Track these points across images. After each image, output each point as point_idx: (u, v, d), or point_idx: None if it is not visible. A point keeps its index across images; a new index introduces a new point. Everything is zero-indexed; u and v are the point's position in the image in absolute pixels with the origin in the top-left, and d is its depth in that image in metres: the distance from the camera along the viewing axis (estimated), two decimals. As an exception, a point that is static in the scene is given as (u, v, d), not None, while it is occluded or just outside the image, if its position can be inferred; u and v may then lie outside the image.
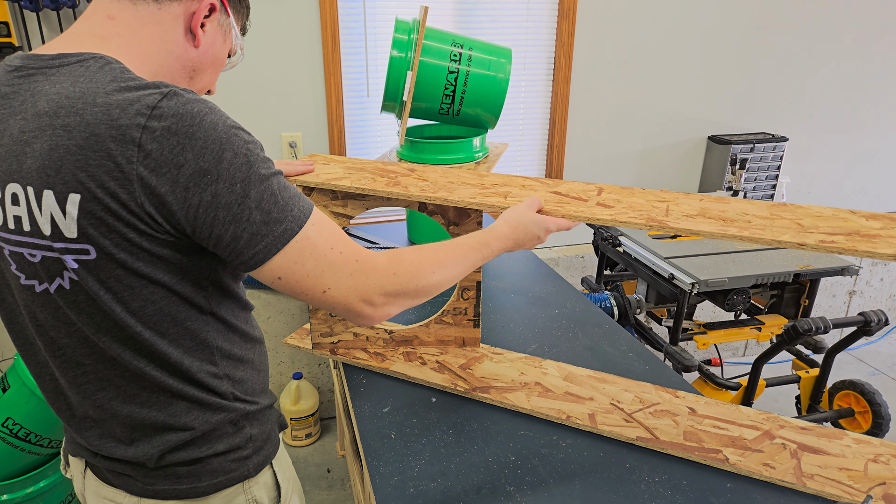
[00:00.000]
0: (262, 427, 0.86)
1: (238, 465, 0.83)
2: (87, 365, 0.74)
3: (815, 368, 2.08)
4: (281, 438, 0.93)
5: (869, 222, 0.93)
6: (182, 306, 0.73)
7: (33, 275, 0.69)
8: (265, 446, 0.87)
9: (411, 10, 2.25)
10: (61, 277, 0.68)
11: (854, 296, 3.34)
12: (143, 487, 0.80)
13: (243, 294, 0.85)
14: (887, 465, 0.95)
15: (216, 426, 0.80)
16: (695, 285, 1.74)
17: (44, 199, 0.64)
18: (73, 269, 0.67)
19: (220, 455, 0.82)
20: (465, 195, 1.07)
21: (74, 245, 0.65)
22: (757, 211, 0.99)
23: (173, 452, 0.78)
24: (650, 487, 0.92)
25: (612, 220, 0.96)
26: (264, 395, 0.89)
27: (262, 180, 0.67)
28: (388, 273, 0.77)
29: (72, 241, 0.65)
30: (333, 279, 0.72)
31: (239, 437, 0.83)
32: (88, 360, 0.74)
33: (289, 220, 0.69)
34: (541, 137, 2.65)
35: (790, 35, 2.74)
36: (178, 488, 0.80)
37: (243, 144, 0.67)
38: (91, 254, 0.66)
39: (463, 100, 1.71)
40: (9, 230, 0.67)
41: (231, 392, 0.81)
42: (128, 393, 0.76)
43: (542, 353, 1.29)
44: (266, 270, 0.69)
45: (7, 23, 1.81)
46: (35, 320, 0.73)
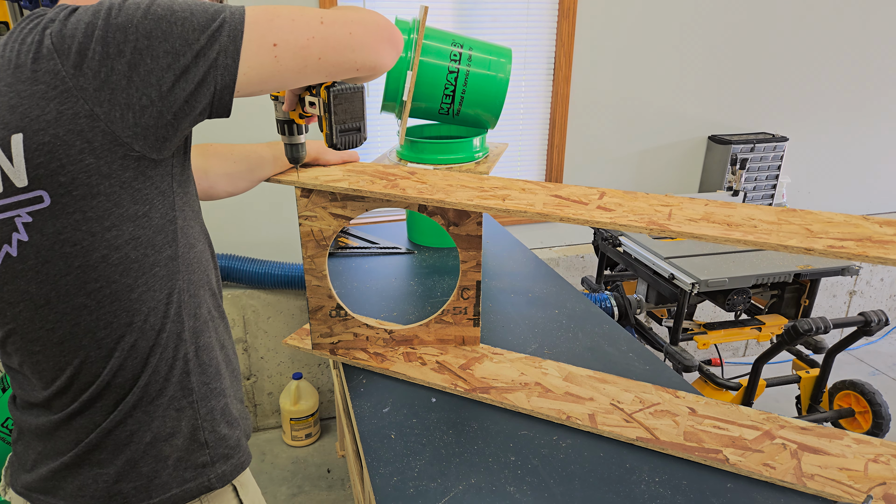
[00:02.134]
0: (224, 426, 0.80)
1: (196, 474, 0.77)
2: (38, 352, 0.70)
3: (815, 368, 2.08)
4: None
5: (882, 228, 0.91)
6: (148, 250, 0.68)
7: None
8: (235, 453, 0.81)
9: (411, 10, 2.25)
10: (9, 243, 0.63)
11: (854, 296, 3.34)
12: None
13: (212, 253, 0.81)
14: (887, 465, 0.95)
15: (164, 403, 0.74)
16: (695, 285, 1.74)
17: None
18: (25, 224, 0.62)
19: (173, 461, 0.75)
20: (463, 198, 1.07)
21: (26, 195, 0.60)
22: (764, 216, 0.97)
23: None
24: (650, 487, 0.92)
25: (611, 224, 0.95)
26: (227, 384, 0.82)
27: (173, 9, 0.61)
28: None
29: (23, 191, 0.60)
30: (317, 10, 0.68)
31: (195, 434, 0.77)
32: (37, 346, 0.69)
33: (222, 6, 0.63)
34: (541, 137, 2.65)
35: (790, 35, 2.74)
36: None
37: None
38: (45, 200, 0.61)
39: (463, 100, 1.71)
40: None
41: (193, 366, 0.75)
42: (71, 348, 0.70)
43: (542, 353, 1.29)
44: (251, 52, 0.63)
45: (7, 23, 1.81)
46: None
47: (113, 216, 0.64)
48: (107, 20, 0.59)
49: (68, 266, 0.64)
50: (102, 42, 0.58)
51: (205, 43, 0.61)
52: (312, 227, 1.17)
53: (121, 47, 0.59)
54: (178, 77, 0.61)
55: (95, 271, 0.65)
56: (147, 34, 0.59)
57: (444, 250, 1.89)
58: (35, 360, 0.70)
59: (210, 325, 0.79)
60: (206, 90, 0.63)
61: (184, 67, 0.61)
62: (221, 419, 0.80)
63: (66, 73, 0.58)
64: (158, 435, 0.74)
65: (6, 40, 0.61)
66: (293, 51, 0.66)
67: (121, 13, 0.59)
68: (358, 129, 0.98)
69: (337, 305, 1.23)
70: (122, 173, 0.63)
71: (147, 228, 0.67)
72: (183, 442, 0.76)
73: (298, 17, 0.66)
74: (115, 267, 0.66)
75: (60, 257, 0.64)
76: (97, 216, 0.63)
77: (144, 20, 0.59)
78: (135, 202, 0.65)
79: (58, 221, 0.62)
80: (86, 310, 0.67)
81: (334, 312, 1.24)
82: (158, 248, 0.69)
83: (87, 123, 0.59)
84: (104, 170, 0.61)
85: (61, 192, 0.61)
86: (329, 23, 0.68)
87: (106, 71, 0.59)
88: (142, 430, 0.73)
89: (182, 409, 0.76)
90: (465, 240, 1.17)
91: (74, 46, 0.58)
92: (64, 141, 0.59)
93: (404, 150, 1.76)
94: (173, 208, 0.70)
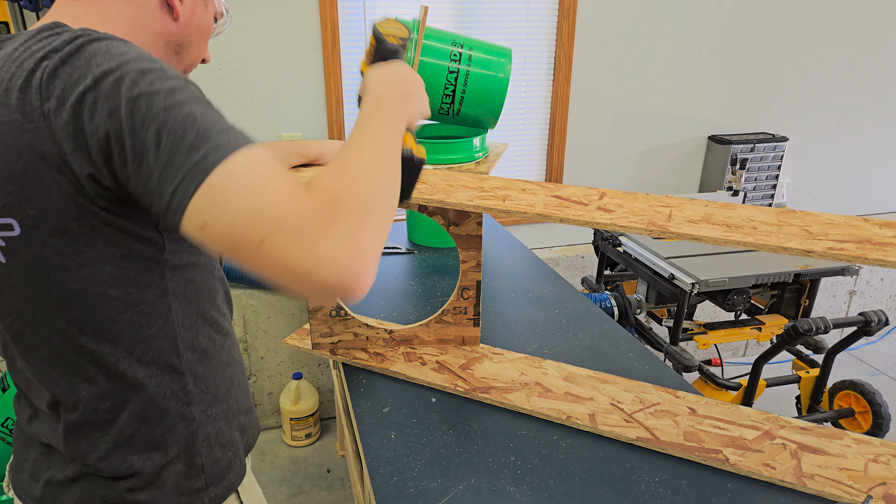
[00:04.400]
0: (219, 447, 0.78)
1: (191, 499, 0.75)
2: (34, 364, 0.68)
3: (815, 368, 2.08)
4: (248, 464, 0.85)
5: (882, 230, 0.91)
6: (130, 288, 0.64)
7: None
8: (227, 474, 0.79)
9: (411, 10, 2.25)
10: None
11: (854, 296, 3.34)
12: None
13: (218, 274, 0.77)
14: (887, 465, 0.95)
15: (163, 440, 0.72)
16: (695, 285, 1.74)
17: None
18: (0, 247, 0.60)
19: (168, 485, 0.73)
20: (464, 198, 1.07)
21: None
22: (764, 217, 0.97)
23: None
24: (650, 487, 0.92)
25: (611, 225, 0.95)
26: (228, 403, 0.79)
27: (179, 103, 0.54)
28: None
29: None
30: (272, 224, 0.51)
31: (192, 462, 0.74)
32: (28, 355, 0.67)
33: (210, 147, 0.52)
34: (541, 137, 2.65)
35: (790, 35, 2.74)
36: None
37: (149, 66, 0.56)
38: (15, 229, 0.58)
39: (463, 100, 1.71)
40: None
41: (191, 392, 0.73)
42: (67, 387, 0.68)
43: (542, 353, 1.29)
44: (188, 218, 0.51)
45: (7, 23, 1.82)
46: None
47: (85, 255, 0.60)
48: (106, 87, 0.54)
49: (47, 292, 0.62)
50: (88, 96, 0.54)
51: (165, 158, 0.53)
52: (312, 227, 1.17)
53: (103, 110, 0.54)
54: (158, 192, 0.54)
55: (72, 302, 0.62)
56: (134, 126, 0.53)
57: (444, 250, 1.89)
58: (35, 370, 0.69)
59: (211, 351, 0.76)
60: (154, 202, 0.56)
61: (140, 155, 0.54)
62: (216, 443, 0.78)
63: (45, 111, 0.55)
64: (156, 463, 0.72)
65: (10, 53, 0.59)
66: (218, 242, 0.53)
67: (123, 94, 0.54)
68: None
69: (337, 305, 1.24)
70: (91, 218, 0.58)
71: (128, 269, 0.63)
72: (181, 468, 0.74)
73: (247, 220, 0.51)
74: (93, 300, 0.63)
75: (38, 283, 0.61)
76: (69, 252, 0.60)
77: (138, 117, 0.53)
78: (109, 244, 0.61)
79: (29, 250, 0.59)
80: (67, 335, 0.64)
81: (334, 312, 1.24)
82: (143, 287, 0.65)
83: (56, 161, 0.56)
84: (72, 212, 0.57)
85: (30, 223, 0.58)
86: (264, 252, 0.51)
87: (78, 123, 0.55)
88: (139, 458, 0.72)
89: (181, 438, 0.73)
90: (466, 240, 1.17)
91: (59, 88, 0.55)
92: (34, 175, 0.56)
93: (404, 150, 1.76)
94: (162, 250, 0.66)
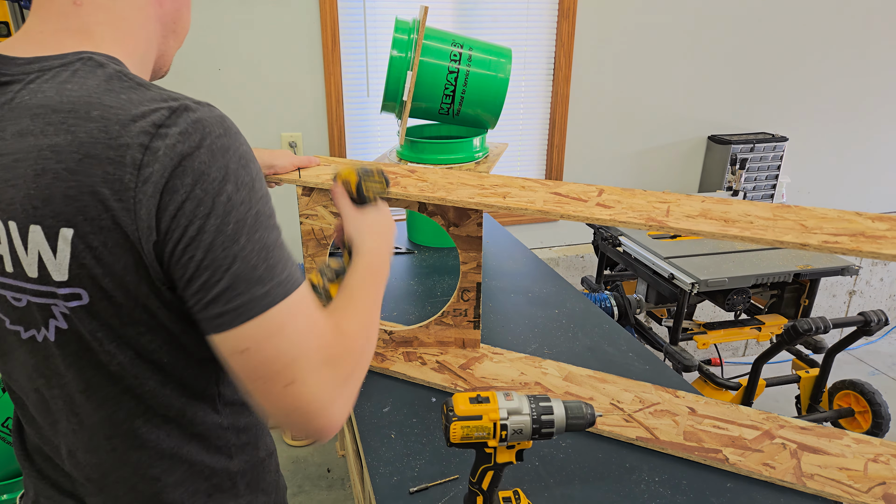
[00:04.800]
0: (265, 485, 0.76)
1: None
2: (74, 425, 0.65)
3: (815, 368, 2.08)
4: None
5: (875, 224, 0.92)
6: (181, 354, 0.64)
7: (17, 320, 0.60)
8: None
9: (411, 10, 2.25)
10: (46, 327, 0.59)
11: (854, 296, 3.34)
12: None
13: None
14: (887, 464, 0.95)
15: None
16: (695, 285, 1.74)
17: (30, 236, 0.54)
18: (63, 315, 0.58)
19: None
20: (464, 195, 1.07)
21: (63, 290, 0.56)
22: (760, 212, 0.98)
23: None
24: (650, 487, 0.92)
25: (611, 220, 0.96)
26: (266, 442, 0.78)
27: (259, 228, 0.56)
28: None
29: (61, 285, 0.56)
30: (304, 369, 0.56)
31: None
32: (74, 419, 0.65)
33: (274, 284, 0.55)
34: (541, 137, 2.65)
35: (790, 35, 2.75)
36: None
37: (250, 180, 0.56)
38: (83, 299, 0.57)
39: (463, 100, 1.71)
40: None
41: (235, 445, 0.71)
42: (120, 458, 0.66)
43: (542, 352, 1.29)
44: (230, 338, 0.55)
45: (7, 23, 1.82)
46: (24, 369, 0.64)
47: (148, 324, 0.60)
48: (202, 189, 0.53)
49: (109, 360, 0.61)
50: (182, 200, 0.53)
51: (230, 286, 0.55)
52: (313, 226, 1.17)
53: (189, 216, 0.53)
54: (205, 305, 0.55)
55: (130, 370, 0.62)
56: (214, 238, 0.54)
57: (444, 250, 1.89)
58: (74, 430, 0.66)
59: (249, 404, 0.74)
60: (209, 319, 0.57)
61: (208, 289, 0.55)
62: (258, 489, 0.76)
63: (136, 197, 0.53)
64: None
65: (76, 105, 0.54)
66: (245, 372, 0.57)
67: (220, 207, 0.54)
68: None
69: (337, 305, 1.23)
70: (160, 295, 0.58)
71: (183, 335, 0.63)
72: None
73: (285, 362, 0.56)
74: (147, 366, 0.62)
75: (99, 352, 0.60)
76: (132, 322, 0.59)
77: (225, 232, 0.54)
78: (172, 321, 0.61)
79: (95, 321, 0.58)
80: (122, 403, 0.63)
81: (334, 312, 1.24)
82: (190, 351, 0.64)
83: (136, 244, 0.55)
84: (144, 290, 0.57)
85: (101, 295, 0.57)
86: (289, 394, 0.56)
87: (167, 223, 0.54)
88: None
89: (228, 490, 0.72)
90: (466, 241, 1.17)
91: (158, 178, 0.52)
92: (112, 252, 0.54)
93: (404, 150, 1.76)
94: None
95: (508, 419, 0.75)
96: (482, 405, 0.75)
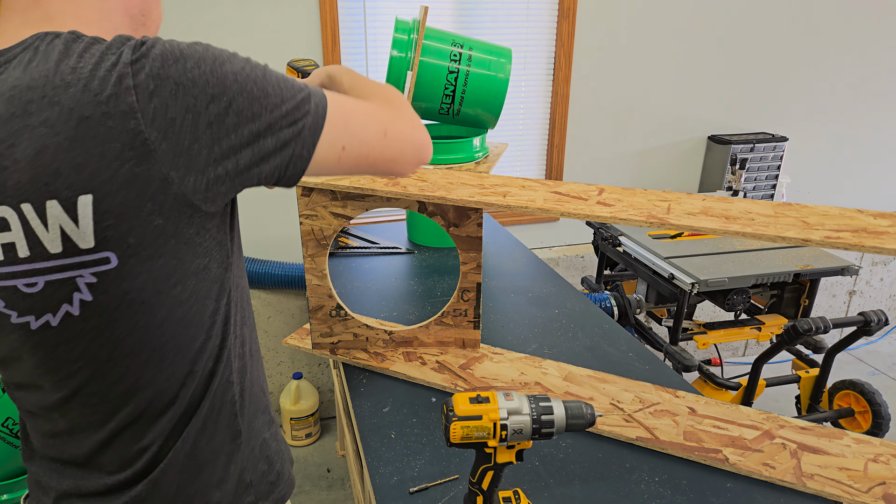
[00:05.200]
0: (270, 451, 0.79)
1: None
2: (95, 405, 0.66)
3: (815, 368, 2.08)
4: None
5: (877, 220, 0.92)
6: (207, 301, 0.66)
7: (27, 310, 0.60)
8: (275, 488, 0.79)
9: (411, 10, 2.25)
10: (69, 303, 0.60)
11: (854, 296, 3.34)
12: None
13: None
14: (887, 464, 0.95)
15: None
16: (695, 285, 1.74)
17: (48, 212, 0.55)
18: (89, 285, 0.59)
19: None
20: (464, 194, 1.08)
21: (91, 256, 0.57)
22: (761, 210, 0.99)
23: None
24: (650, 487, 0.92)
25: (611, 218, 0.96)
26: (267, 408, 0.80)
27: (262, 70, 0.62)
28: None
29: (88, 252, 0.57)
30: (383, 118, 0.70)
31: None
32: (94, 398, 0.66)
33: (308, 90, 0.64)
34: (541, 137, 2.65)
35: (790, 35, 2.75)
36: None
37: (231, 53, 0.60)
38: (112, 262, 0.58)
39: (463, 100, 1.71)
40: None
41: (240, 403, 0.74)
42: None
43: (542, 352, 1.29)
44: (324, 150, 0.64)
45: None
46: (32, 362, 0.64)
47: (178, 273, 0.62)
48: (200, 88, 0.57)
49: (135, 324, 0.62)
50: (193, 111, 0.56)
51: (289, 135, 0.62)
52: (313, 226, 1.17)
53: (209, 119, 0.57)
54: (258, 159, 0.61)
55: (160, 328, 0.64)
56: (238, 111, 0.58)
57: (444, 250, 1.89)
58: (88, 412, 0.67)
59: (250, 363, 0.77)
60: (278, 173, 0.64)
61: (266, 153, 0.61)
62: (261, 455, 0.79)
63: (150, 137, 0.55)
64: (210, 481, 0.72)
65: (48, 76, 0.55)
66: (355, 157, 0.68)
67: (217, 84, 0.57)
68: None
69: (337, 305, 1.23)
70: (186, 230, 0.61)
71: (206, 280, 0.66)
72: (231, 486, 0.74)
73: (369, 125, 0.69)
74: (178, 321, 0.65)
75: (127, 316, 0.62)
76: (163, 275, 0.61)
77: (239, 97, 0.58)
78: (196, 256, 0.64)
79: (124, 282, 0.59)
80: (150, 364, 0.65)
81: (334, 312, 1.24)
82: (216, 297, 0.68)
83: (159, 186, 0.57)
84: (171, 229, 0.59)
85: (129, 252, 0.58)
86: (390, 137, 0.71)
87: (190, 140, 0.57)
88: (192, 477, 0.71)
89: (231, 454, 0.74)
90: (466, 241, 1.17)
91: (162, 110, 0.55)
92: (135, 203, 0.56)
93: (404, 149, 1.76)
94: (229, 256, 0.69)
95: (508, 419, 0.75)
96: (482, 405, 0.75)
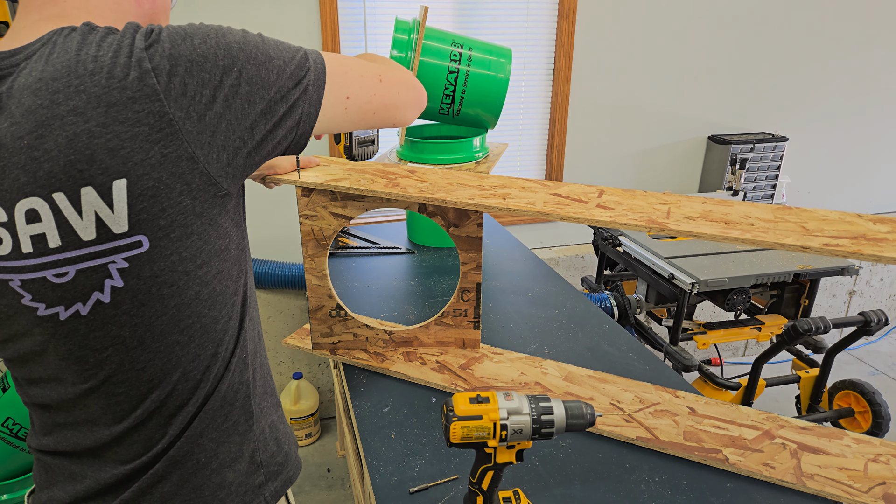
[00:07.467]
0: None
1: (255, 495, 0.76)
2: (121, 394, 0.67)
3: (815, 368, 2.08)
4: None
5: (876, 226, 0.92)
6: (228, 281, 0.69)
7: (57, 300, 0.61)
8: (283, 469, 0.81)
9: (411, 10, 2.25)
10: (101, 290, 0.61)
11: (854, 296, 3.34)
12: None
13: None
14: (887, 464, 0.95)
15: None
16: (695, 285, 1.74)
17: (83, 199, 0.56)
18: (120, 270, 0.60)
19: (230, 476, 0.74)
20: (464, 196, 1.07)
21: (124, 240, 0.59)
22: (761, 214, 0.98)
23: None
24: (650, 487, 0.92)
25: (611, 223, 0.95)
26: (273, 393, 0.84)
27: (259, 36, 0.66)
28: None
29: (122, 237, 0.58)
30: (373, 65, 0.75)
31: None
32: (122, 386, 0.67)
33: (303, 49, 0.68)
34: (541, 137, 2.65)
35: (790, 35, 2.75)
36: None
37: (226, 26, 0.64)
38: (144, 245, 0.60)
39: (463, 100, 1.71)
40: (23, 255, 0.59)
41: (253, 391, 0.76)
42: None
43: (542, 352, 1.29)
44: (331, 100, 0.68)
45: (7, 23, 1.82)
46: (58, 354, 0.65)
47: (203, 253, 0.65)
48: (212, 61, 0.60)
49: (164, 307, 0.64)
50: (210, 86, 0.59)
51: (297, 95, 0.65)
52: (313, 227, 1.17)
53: (225, 92, 0.60)
54: (272, 125, 0.64)
55: (189, 308, 0.66)
56: (249, 79, 0.62)
57: (444, 250, 1.89)
58: (113, 401, 0.67)
59: (259, 345, 0.80)
60: (290, 135, 0.67)
61: (279, 117, 0.64)
62: (271, 437, 0.80)
63: (174, 117, 0.58)
64: (224, 461, 0.73)
65: (71, 66, 0.56)
66: (359, 105, 0.72)
67: (226, 55, 0.61)
68: (372, 142, 1.14)
69: (337, 305, 1.24)
70: (210, 210, 0.63)
71: (227, 261, 0.69)
72: (244, 465, 0.76)
73: (365, 74, 0.73)
74: (204, 302, 0.67)
75: (157, 299, 0.63)
76: (191, 255, 0.63)
77: (248, 65, 0.62)
78: (219, 237, 0.66)
79: (155, 265, 0.61)
80: (178, 345, 0.67)
81: (334, 312, 1.24)
82: (235, 277, 0.71)
83: (187, 166, 0.59)
84: (198, 209, 0.62)
85: (160, 235, 0.60)
86: (385, 82, 0.76)
87: (210, 115, 0.59)
88: (208, 458, 0.72)
89: (244, 433, 0.75)
90: (466, 241, 1.17)
91: (181, 87, 0.58)
92: (166, 184, 0.58)
93: (404, 150, 1.76)
94: (244, 236, 0.73)
95: (508, 419, 0.75)
96: (482, 405, 0.76)
